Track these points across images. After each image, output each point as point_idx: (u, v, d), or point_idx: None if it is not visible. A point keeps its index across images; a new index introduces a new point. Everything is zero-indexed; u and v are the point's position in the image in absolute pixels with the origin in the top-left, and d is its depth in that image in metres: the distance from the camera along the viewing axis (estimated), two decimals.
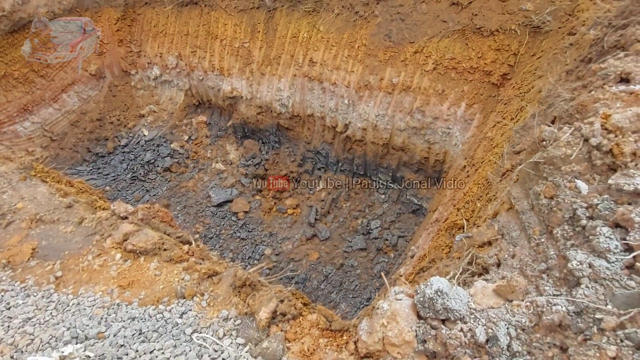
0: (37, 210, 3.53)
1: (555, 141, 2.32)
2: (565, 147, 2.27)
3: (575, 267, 1.93)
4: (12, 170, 3.93)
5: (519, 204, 2.57)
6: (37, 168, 3.96)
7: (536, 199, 2.39)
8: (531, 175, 2.50)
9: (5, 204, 3.66)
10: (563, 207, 2.17)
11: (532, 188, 2.45)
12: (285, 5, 8.93)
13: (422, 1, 7.74)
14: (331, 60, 8.55)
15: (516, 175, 2.69)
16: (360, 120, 8.42)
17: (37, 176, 3.90)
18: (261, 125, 9.83)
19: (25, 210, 3.54)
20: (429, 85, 7.62)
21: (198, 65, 10.08)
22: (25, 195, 3.73)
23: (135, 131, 10.76)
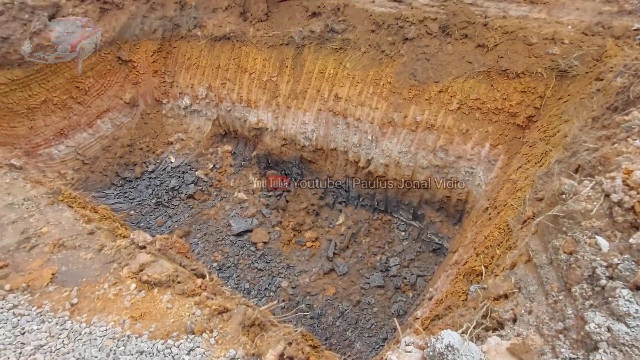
0: (61, 235, 3.64)
1: (576, 195, 2.26)
2: (585, 202, 2.21)
3: (593, 330, 1.84)
4: (41, 195, 4.09)
5: (537, 257, 2.49)
6: (65, 193, 4.11)
7: (555, 254, 2.31)
8: (550, 228, 2.43)
9: (31, 227, 3.80)
10: (582, 264, 2.09)
11: (551, 242, 2.38)
12: (313, 43, 9.19)
13: (447, 42, 7.84)
14: (356, 97, 8.68)
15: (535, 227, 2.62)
16: (383, 156, 8.44)
17: (64, 201, 4.04)
18: (284, 157, 9.96)
19: (49, 235, 3.66)
20: (453, 124, 7.61)
21: (227, 97, 10.40)
22: (51, 220, 3.86)
23: (163, 158, 11.07)
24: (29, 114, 9.37)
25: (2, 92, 8.83)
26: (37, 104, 9.43)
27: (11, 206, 4.00)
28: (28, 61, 9.08)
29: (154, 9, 10.60)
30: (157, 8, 10.62)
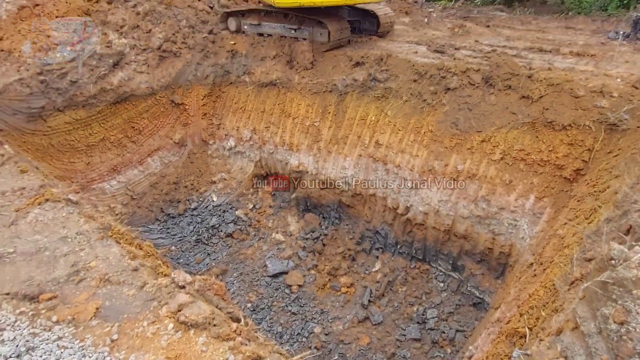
0: (107, 270, 3.81)
1: (626, 261, 2.16)
2: (637, 270, 2.10)
3: None
4: (93, 229, 4.33)
5: (585, 325, 2.35)
6: (114, 229, 4.33)
7: (604, 323, 2.18)
8: (599, 295, 2.31)
9: (81, 261, 4.00)
10: (634, 336, 1.96)
11: (600, 309, 2.25)
12: (356, 90, 9.45)
13: (490, 93, 7.85)
14: (397, 144, 8.74)
15: (583, 292, 2.50)
16: (422, 204, 8.34)
17: (113, 237, 4.25)
18: (323, 201, 10.04)
19: (97, 269, 3.84)
20: (496, 174, 7.47)
21: (270, 140, 10.75)
22: (100, 255, 4.06)
23: (206, 196, 11.44)
24: (87, 150, 10.05)
25: (66, 130, 9.57)
26: (96, 141, 10.12)
27: (65, 239, 4.24)
28: (91, 103, 9.84)
29: (208, 57, 11.32)
30: (210, 56, 11.35)
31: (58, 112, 9.39)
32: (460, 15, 15.70)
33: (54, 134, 9.47)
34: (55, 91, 9.25)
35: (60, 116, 9.46)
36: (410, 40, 11.32)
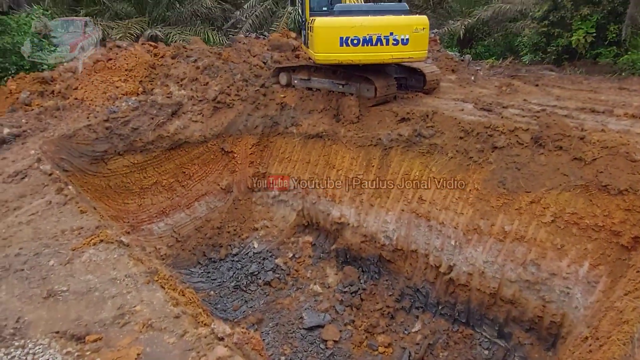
0: (151, 316, 3.90)
1: None
2: None
3: None
4: (140, 272, 4.49)
5: None
6: (160, 274, 4.47)
7: None
8: None
9: (127, 304, 4.13)
10: None
11: None
12: (400, 145, 9.53)
13: (540, 153, 7.68)
14: (441, 200, 8.62)
15: None
16: (467, 264, 8.05)
17: (159, 281, 4.38)
18: (363, 254, 9.92)
19: (141, 314, 3.94)
20: (546, 237, 7.15)
21: (313, 190, 10.91)
22: (145, 299, 4.18)
23: (247, 242, 11.60)
24: (140, 193, 10.60)
25: (124, 173, 10.19)
26: (149, 185, 10.68)
27: (114, 281, 4.42)
28: (148, 148, 10.49)
29: (258, 109, 11.89)
30: (260, 108, 11.92)
31: (118, 156, 10.06)
32: (507, 73, 15.76)
33: (112, 176, 10.10)
34: (117, 137, 9.97)
35: (120, 160, 10.12)
36: (457, 98, 11.42)
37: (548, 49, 18.27)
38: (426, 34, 9.60)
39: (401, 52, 9.53)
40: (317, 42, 9.45)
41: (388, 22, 9.43)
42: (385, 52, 9.47)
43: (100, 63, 12.05)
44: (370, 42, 9.25)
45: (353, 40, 9.23)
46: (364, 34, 9.21)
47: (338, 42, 9.25)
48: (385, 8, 10.12)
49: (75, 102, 10.76)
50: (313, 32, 9.63)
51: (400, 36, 9.30)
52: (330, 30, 9.27)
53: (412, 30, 9.37)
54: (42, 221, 6.02)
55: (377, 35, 9.25)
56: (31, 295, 4.21)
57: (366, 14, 9.53)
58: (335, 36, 9.23)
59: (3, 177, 7.68)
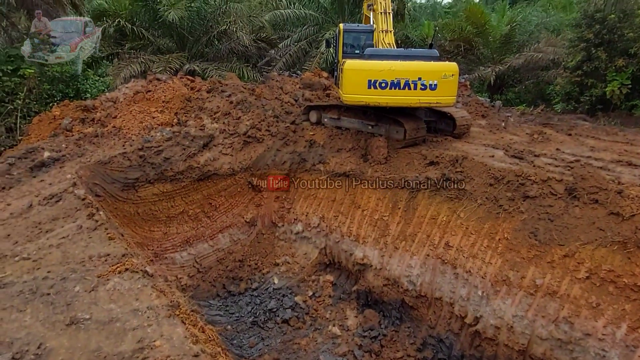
0: (170, 352, 3.84)
1: None
2: None
3: None
4: (162, 305, 4.46)
5: None
6: (182, 308, 4.44)
7: None
8: None
9: (147, 337, 4.09)
10: None
11: None
12: (428, 189, 9.42)
13: (575, 205, 7.44)
14: (468, 248, 8.38)
15: None
16: (494, 316, 7.69)
17: (180, 316, 4.34)
18: (385, 298, 9.64)
19: (160, 350, 3.89)
20: (580, 295, 6.79)
21: (337, 229, 10.81)
22: (165, 334, 4.13)
23: (267, 277, 11.49)
24: (167, 221, 10.75)
25: (152, 200, 10.39)
26: (176, 214, 10.83)
27: (136, 312, 4.41)
28: (178, 178, 10.71)
29: (287, 145, 12.06)
30: (289, 144, 12.08)
31: (149, 184, 10.30)
32: (539, 121, 15.57)
33: (141, 203, 10.31)
34: (150, 165, 10.24)
35: (150, 188, 10.35)
36: (487, 144, 11.31)
37: (581, 98, 18.07)
38: (455, 80, 9.72)
39: (429, 97, 9.66)
40: (346, 83, 9.74)
41: (417, 67, 9.60)
42: (413, 97, 9.60)
43: (140, 94, 12.59)
44: (398, 85, 9.43)
45: (381, 84, 9.43)
46: (392, 77, 9.38)
47: (366, 84, 9.44)
48: (416, 54, 10.40)
49: (113, 130, 11.19)
50: (342, 74, 9.92)
51: (428, 81, 9.45)
52: (359, 73, 9.52)
53: (441, 76, 9.55)
54: (72, 245, 6.14)
55: (405, 79, 9.40)
56: (54, 322, 4.23)
57: (396, 59, 9.73)
58: (363, 78, 9.44)
59: (39, 199, 7.94)
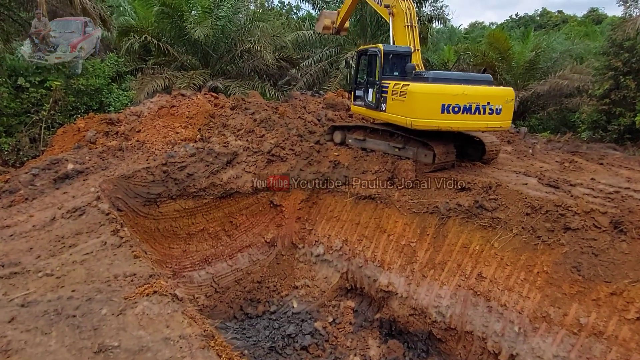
0: None
1: None
2: None
3: None
4: (195, 335, 4.16)
5: None
6: (217, 339, 4.12)
7: None
8: None
9: None
10: None
11: None
12: (459, 216, 9.06)
13: (621, 240, 7.03)
14: (503, 280, 7.96)
15: None
16: (532, 355, 7.22)
17: (215, 348, 4.03)
18: (411, 328, 9.20)
19: None
20: (630, 337, 6.33)
21: (360, 253, 10.46)
22: None
23: (286, 301, 11.11)
24: (187, 238, 10.50)
25: (173, 217, 10.17)
26: (196, 231, 10.59)
27: (167, 341, 4.11)
28: (200, 195, 10.50)
29: (311, 164, 11.84)
30: (313, 164, 11.87)
31: (171, 199, 10.10)
32: (567, 149, 15.17)
33: (162, 219, 10.09)
34: (173, 181, 10.06)
35: (172, 204, 10.14)
36: (517, 171, 10.95)
37: (609, 127, 17.69)
38: (512, 104, 9.83)
39: (494, 121, 9.71)
40: (417, 108, 9.38)
41: (486, 92, 9.58)
42: (482, 121, 9.61)
43: (164, 109, 12.53)
44: (469, 110, 9.34)
45: (454, 108, 9.23)
46: (465, 102, 9.25)
47: (440, 108, 9.18)
48: (474, 78, 10.28)
49: (137, 144, 11.08)
50: (408, 97, 9.53)
51: (495, 106, 9.54)
52: (433, 97, 9.21)
53: (505, 101, 9.63)
54: (96, 262, 5.90)
55: (476, 104, 9.34)
56: (81, 348, 3.95)
57: (460, 83, 9.54)
58: (437, 103, 9.17)
59: (62, 211, 7.76)
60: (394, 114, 10.15)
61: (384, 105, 10.48)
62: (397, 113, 9.98)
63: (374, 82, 11.10)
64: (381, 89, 10.67)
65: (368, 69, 11.41)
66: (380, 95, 10.70)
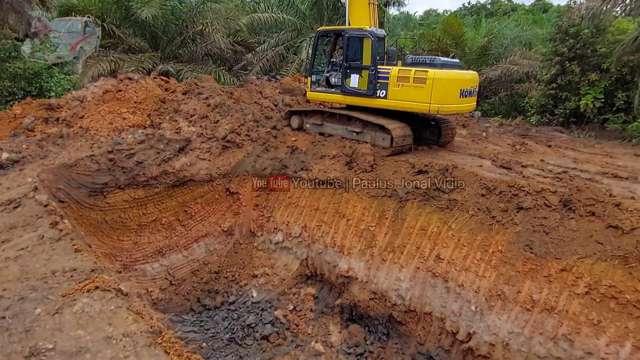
0: None
1: None
2: None
3: None
4: (141, 332, 3.85)
5: None
6: (165, 336, 3.84)
7: None
8: None
9: None
10: None
11: None
12: (417, 199, 9.10)
13: (570, 218, 7.26)
14: (460, 260, 8.07)
15: None
16: (488, 333, 7.38)
17: (162, 345, 3.74)
18: (371, 312, 9.21)
19: None
20: (580, 311, 6.57)
21: (320, 239, 10.32)
22: None
23: (245, 290, 10.84)
24: (138, 230, 9.96)
25: (122, 208, 9.60)
26: (148, 222, 10.07)
27: (109, 340, 3.77)
28: (151, 184, 9.97)
29: (268, 150, 11.53)
30: (270, 150, 11.56)
31: (119, 189, 9.53)
32: (518, 132, 15.68)
33: (110, 210, 9.51)
34: (120, 169, 9.48)
35: (120, 194, 9.57)
36: (472, 153, 11.16)
37: (556, 111, 18.42)
38: None
39: (473, 102, 10.82)
40: (437, 93, 9.59)
41: (472, 76, 10.60)
42: (471, 103, 10.65)
43: (110, 94, 11.77)
44: (470, 93, 10.36)
45: (465, 92, 10.06)
46: (468, 86, 10.20)
47: (458, 93, 9.85)
48: (457, 64, 10.99)
49: (80, 130, 10.35)
50: (429, 84, 9.61)
51: (474, 88, 10.64)
52: (453, 83, 9.78)
53: (477, 83, 10.84)
54: (32, 258, 5.39)
55: (471, 87, 10.36)
56: (10, 353, 3.55)
57: (453, 68, 10.31)
58: (456, 88, 9.80)
59: None
60: (401, 100, 10.18)
61: (384, 91, 10.39)
62: (409, 99, 10.04)
63: (360, 67, 10.80)
64: (377, 75, 10.46)
65: (349, 52, 10.92)
66: (375, 82, 10.46)
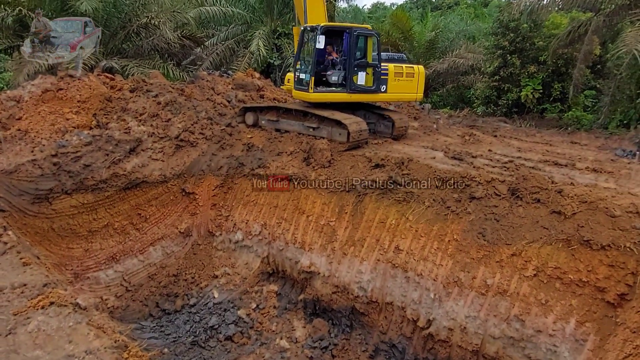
0: None
1: None
2: None
3: None
4: (104, 348, 3.70)
5: None
6: (132, 350, 3.71)
7: None
8: None
9: None
10: None
11: None
12: (375, 192, 9.29)
13: (518, 205, 7.69)
14: (418, 251, 8.35)
15: None
16: (447, 318, 7.72)
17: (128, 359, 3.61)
18: (334, 306, 9.35)
19: None
20: (530, 292, 7.01)
21: (280, 236, 10.31)
22: None
23: (206, 292, 10.65)
24: (88, 236, 9.51)
25: (70, 214, 9.11)
26: (99, 227, 9.62)
27: (71, 359, 3.60)
28: (101, 187, 9.52)
29: (223, 149, 11.32)
30: (226, 148, 11.36)
31: (65, 195, 9.04)
32: (466, 123, 16.35)
33: (56, 218, 9.00)
34: (66, 174, 8.99)
35: (67, 199, 9.08)
36: (425, 145, 11.52)
37: (499, 102, 19.35)
38: None
39: None
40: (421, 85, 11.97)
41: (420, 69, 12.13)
42: None
43: (50, 93, 11.03)
44: None
45: None
46: None
47: None
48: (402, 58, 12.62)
49: (18, 133, 9.65)
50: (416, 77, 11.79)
51: None
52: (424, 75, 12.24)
53: None
54: None
55: None
56: None
57: None
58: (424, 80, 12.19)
59: None
60: (398, 92, 11.66)
61: (384, 86, 11.17)
62: (403, 91, 11.75)
63: (366, 65, 11.01)
64: (380, 72, 11.01)
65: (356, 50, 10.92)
66: (379, 78, 11.00)
